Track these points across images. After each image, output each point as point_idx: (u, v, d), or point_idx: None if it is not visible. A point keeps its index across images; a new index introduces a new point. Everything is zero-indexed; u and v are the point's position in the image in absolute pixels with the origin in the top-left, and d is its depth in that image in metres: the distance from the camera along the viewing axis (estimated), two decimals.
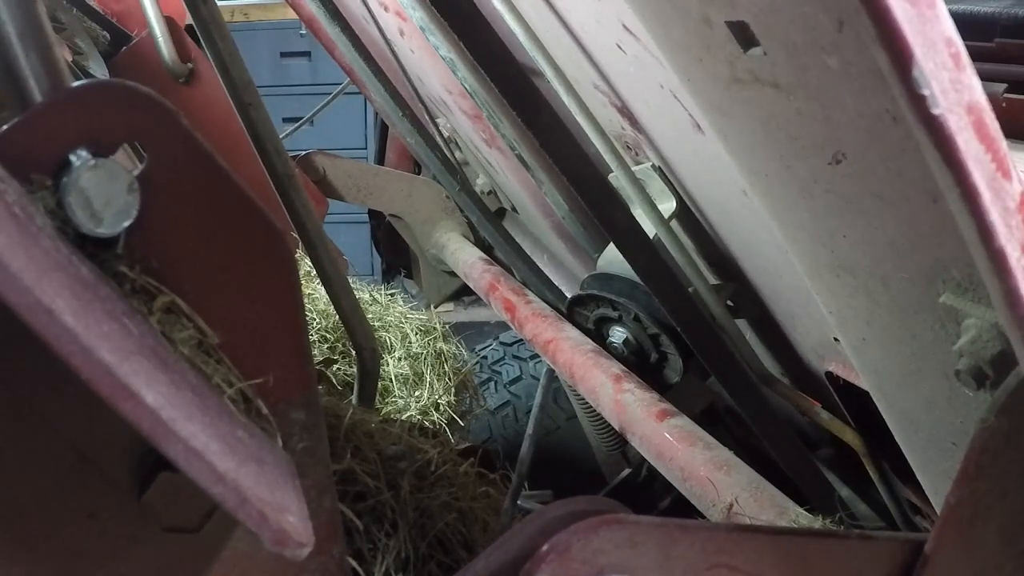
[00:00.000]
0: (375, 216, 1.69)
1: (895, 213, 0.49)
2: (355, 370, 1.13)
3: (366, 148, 3.53)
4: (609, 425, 0.99)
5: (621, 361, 1.02)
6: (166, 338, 0.37)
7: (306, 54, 3.54)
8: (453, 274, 1.61)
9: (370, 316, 1.56)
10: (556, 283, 1.30)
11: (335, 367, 1.39)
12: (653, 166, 0.97)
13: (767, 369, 1.04)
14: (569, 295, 1.17)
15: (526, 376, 2.04)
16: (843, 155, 0.49)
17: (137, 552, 0.42)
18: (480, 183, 1.62)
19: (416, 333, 1.58)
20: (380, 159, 1.79)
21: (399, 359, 1.53)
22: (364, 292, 1.67)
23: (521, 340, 1.69)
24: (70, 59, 1.58)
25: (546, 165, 1.10)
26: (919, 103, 0.33)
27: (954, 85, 0.34)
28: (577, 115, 0.91)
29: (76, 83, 0.38)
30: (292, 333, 0.45)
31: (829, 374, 0.94)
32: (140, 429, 0.29)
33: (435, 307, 1.72)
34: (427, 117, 1.49)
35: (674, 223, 0.98)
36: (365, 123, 3.55)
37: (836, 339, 0.79)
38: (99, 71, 1.65)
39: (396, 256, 1.77)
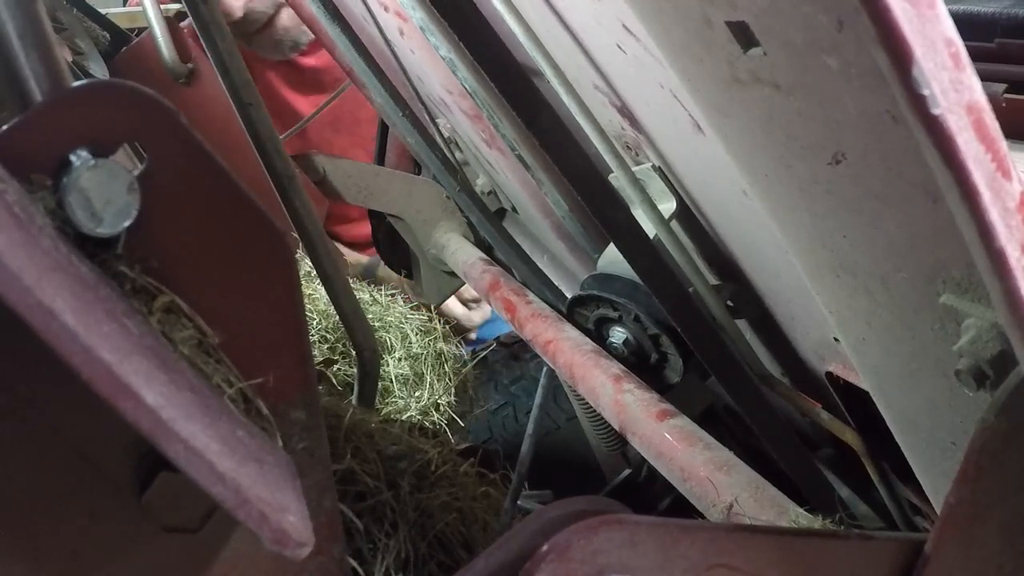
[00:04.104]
0: (375, 216, 1.69)
1: (895, 213, 0.49)
2: (355, 370, 1.13)
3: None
4: (609, 425, 0.99)
5: (621, 361, 1.02)
6: (166, 338, 0.37)
7: None
8: (453, 274, 1.60)
9: (370, 316, 1.56)
10: (556, 283, 1.30)
11: (335, 367, 1.39)
12: (653, 166, 0.97)
13: (767, 369, 1.04)
14: (569, 295, 1.17)
15: (526, 376, 2.04)
16: (843, 155, 0.49)
17: (137, 552, 0.42)
18: (480, 183, 1.61)
19: (416, 333, 1.58)
20: (380, 159, 1.78)
21: (399, 359, 1.53)
22: (364, 292, 1.67)
23: (521, 340, 1.69)
24: (70, 59, 1.58)
25: (546, 165, 1.10)
26: (919, 103, 0.33)
27: (954, 85, 0.34)
28: (577, 115, 0.91)
29: (76, 83, 0.38)
30: (292, 333, 0.45)
31: (829, 374, 0.94)
32: (140, 429, 0.29)
33: (435, 307, 1.72)
34: (427, 117, 1.48)
35: (674, 223, 0.98)
36: None
37: (836, 339, 0.79)
38: (99, 71, 1.66)
39: (396, 256, 1.76)
